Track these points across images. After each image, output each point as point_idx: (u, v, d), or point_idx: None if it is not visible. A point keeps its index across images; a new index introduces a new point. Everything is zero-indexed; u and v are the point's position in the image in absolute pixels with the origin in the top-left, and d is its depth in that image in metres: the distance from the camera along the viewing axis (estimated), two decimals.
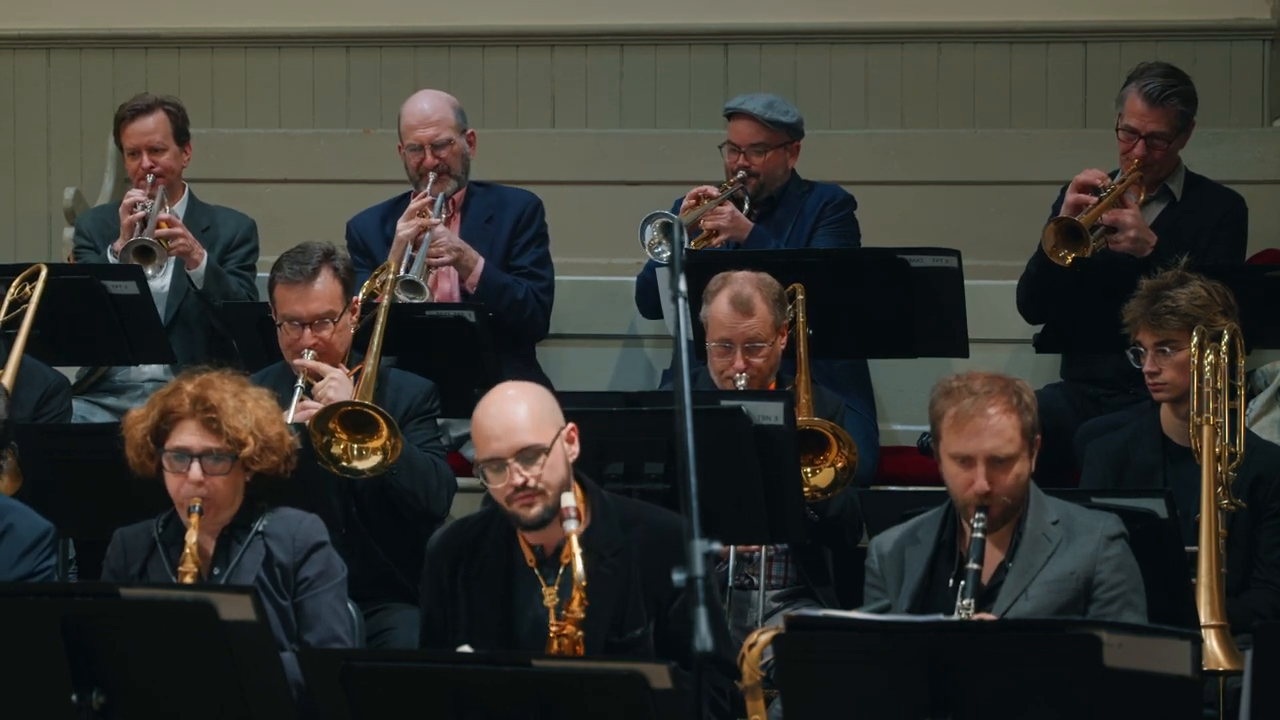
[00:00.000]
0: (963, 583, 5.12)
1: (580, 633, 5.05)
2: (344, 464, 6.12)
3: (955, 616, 5.05)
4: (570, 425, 5.21)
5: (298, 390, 6.20)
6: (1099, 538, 5.23)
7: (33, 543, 5.60)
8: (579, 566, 4.99)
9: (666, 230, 7.03)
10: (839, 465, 6.16)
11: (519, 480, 5.10)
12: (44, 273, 6.82)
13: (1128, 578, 5.24)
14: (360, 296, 6.54)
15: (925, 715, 4.41)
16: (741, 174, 7.37)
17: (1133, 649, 4.31)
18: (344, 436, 6.14)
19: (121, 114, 7.59)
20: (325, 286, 6.29)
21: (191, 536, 5.26)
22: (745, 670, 4.87)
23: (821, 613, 5.12)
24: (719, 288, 6.34)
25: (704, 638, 4.07)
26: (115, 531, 5.51)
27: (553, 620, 5.09)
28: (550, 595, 5.14)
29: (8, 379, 6.50)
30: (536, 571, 5.20)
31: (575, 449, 5.21)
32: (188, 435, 5.33)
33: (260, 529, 5.39)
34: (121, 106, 7.62)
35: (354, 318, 6.41)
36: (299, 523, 5.43)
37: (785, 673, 4.60)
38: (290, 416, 6.04)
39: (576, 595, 5.02)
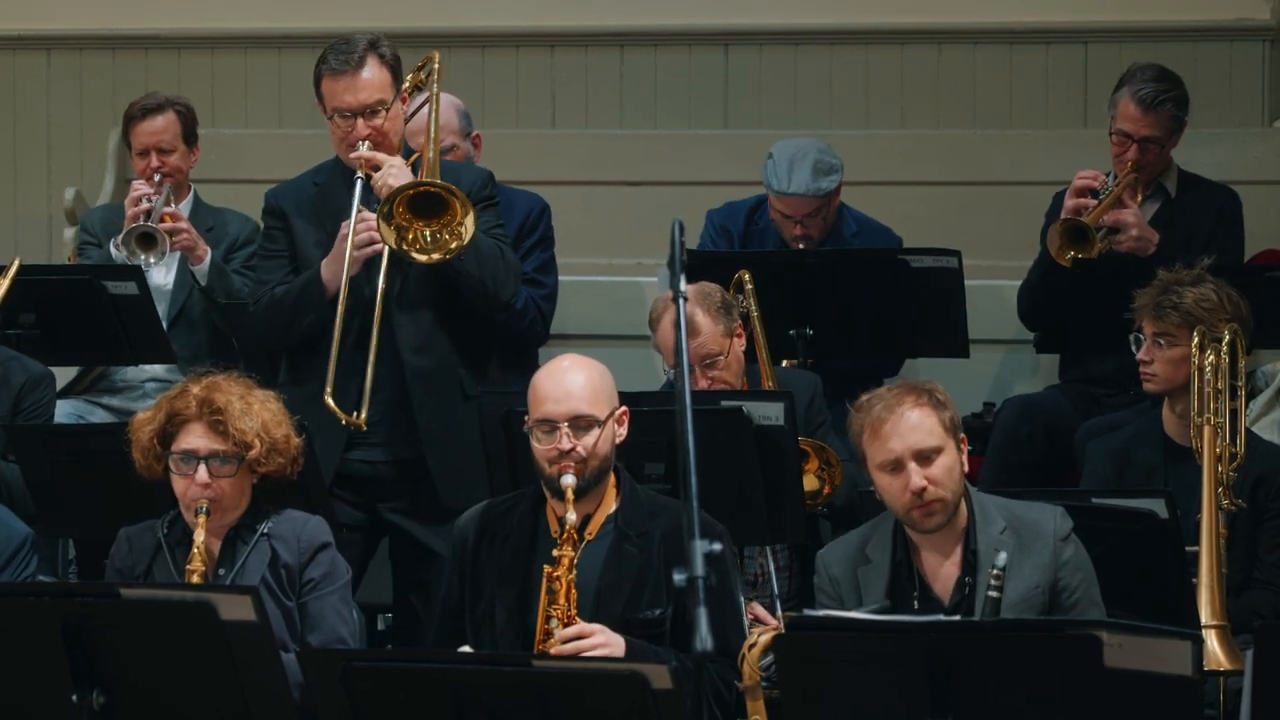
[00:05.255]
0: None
1: (573, 574, 5.13)
2: (418, 248, 5.87)
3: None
4: (623, 408, 5.33)
5: (355, 199, 5.98)
6: (1051, 543, 5.19)
7: (11, 553, 5.58)
8: (571, 514, 5.13)
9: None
10: (825, 479, 6.19)
11: (567, 445, 5.19)
12: (14, 266, 6.73)
13: (1085, 575, 5.21)
14: (408, 85, 6.31)
15: (925, 715, 4.40)
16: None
17: (1133, 649, 4.30)
18: (412, 221, 5.89)
19: (132, 113, 7.52)
20: (374, 74, 6.11)
21: (199, 536, 5.26)
22: (745, 670, 4.88)
23: (821, 613, 5.12)
24: (662, 312, 6.28)
25: (704, 638, 4.08)
26: (120, 530, 5.48)
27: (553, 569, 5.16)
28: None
29: None
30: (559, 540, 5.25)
31: (624, 432, 5.32)
32: (194, 438, 5.32)
33: (265, 530, 5.38)
34: (132, 105, 7.56)
35: (404, 106, 6.21)
36: (304, 524, 5.42)
37: (785, 673, 4.60)
38: (350, 230, 5.93)
39: (568, 540, 5.13)
